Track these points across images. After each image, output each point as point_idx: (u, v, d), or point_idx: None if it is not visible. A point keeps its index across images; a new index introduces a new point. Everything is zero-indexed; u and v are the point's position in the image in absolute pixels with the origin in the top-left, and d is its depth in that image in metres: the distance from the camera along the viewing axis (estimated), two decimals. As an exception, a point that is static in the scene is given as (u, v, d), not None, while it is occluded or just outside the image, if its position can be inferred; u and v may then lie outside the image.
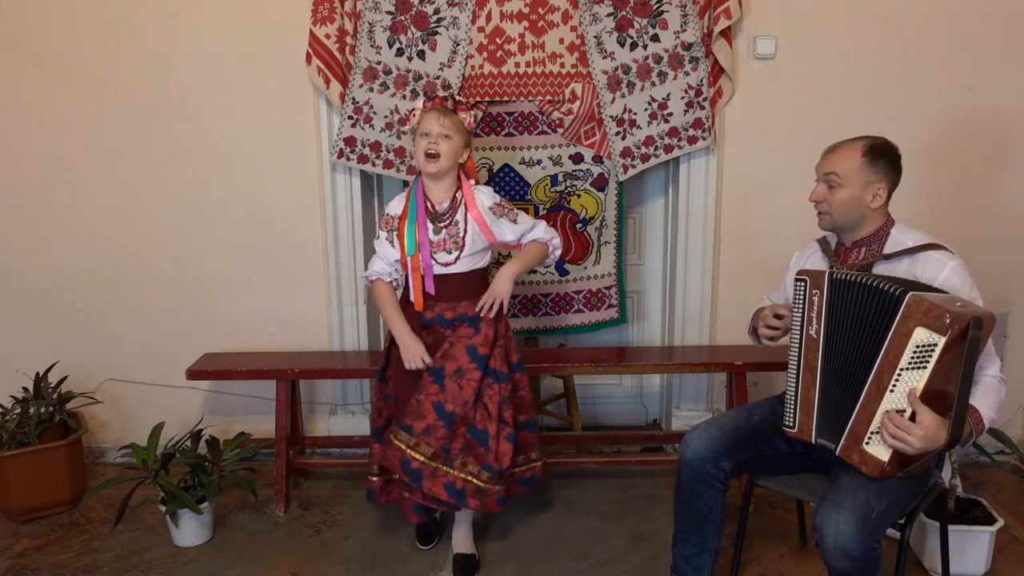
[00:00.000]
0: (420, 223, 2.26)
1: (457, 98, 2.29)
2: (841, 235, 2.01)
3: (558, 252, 2.42)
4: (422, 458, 2.23)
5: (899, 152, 1.94)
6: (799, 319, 1.90)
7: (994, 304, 1.79)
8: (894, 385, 1.71)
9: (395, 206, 2.34)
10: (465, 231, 2.27)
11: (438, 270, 2.28)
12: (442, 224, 2.27)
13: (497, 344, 2.32)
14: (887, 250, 1.93)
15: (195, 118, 2.96)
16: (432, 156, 2.21)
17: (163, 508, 2.53)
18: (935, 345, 1.63)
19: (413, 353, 2.27)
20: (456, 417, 2.24)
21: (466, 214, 2.28)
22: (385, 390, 2.45)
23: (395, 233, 2.29)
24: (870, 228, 1.95)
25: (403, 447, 2.24)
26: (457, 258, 2.27)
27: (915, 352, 1.67)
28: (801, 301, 1.89)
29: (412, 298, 2.30)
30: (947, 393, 1.69)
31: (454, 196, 2.29)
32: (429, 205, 2.28)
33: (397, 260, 2.31)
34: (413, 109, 2.28)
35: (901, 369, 1.69)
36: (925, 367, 1.66)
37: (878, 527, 1.72)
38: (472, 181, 2.34)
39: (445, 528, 2.58)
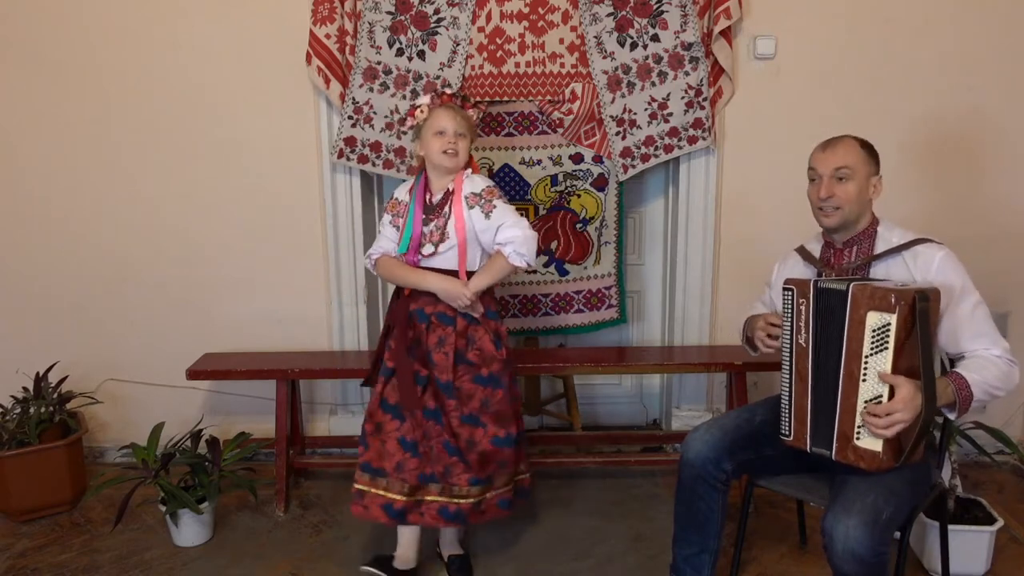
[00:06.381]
0: (416, 216, 2.23)
1: (464, 96, 2.29)
2: (834, 235, 2.00)
3: (523, 260, 2.18)
4: (402, 497, 2.21)
5: None
6: (788, 328, 1.90)
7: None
8: (864, 373, 1.74)
9: (402, 191, 2.32)
10: (447, 222, 2.21)
11: (422, 262, 2.23)
12: (432, 216, 2.22)
13: (468, 352, 2.24)
14: (878, 249, 1.94)
15: (195, 118, 2.96)
16: (451, 155, 2.18)
17: (163, 508, 2.53)
18: (889, 324, 1.69)
19: (458, 292, 2.16)
20: (419, 444, 2.21)
21: (452, 205, 2.22)
22: (383, 393, 2.27)
23: (400, 219, 2.28)
24: (863, 224, 1.97)
25: (380, 492, 2.23)
26: (435, 250, 2.21)
27: (873, 336, 1.72)
28: (790, 310, 1.89)
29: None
30: (916, 368, 1.72)
31: (447, 188, 2.24)
32: (428, 197, 2.25)
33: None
34: (419, 105, 2.23)
35: (867, 356, 1.74)
36: (887, 348, 1.70)
37: (887, 530, 1.72)
38: (468, 171, 2.26)
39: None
